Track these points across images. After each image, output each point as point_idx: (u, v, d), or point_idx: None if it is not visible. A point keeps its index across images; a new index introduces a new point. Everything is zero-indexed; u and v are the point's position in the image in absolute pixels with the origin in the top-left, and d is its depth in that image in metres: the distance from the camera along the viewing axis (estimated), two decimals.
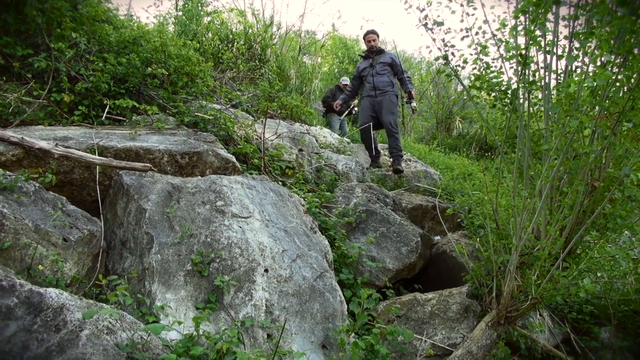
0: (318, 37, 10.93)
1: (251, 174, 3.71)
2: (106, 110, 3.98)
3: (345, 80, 9.13)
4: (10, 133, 2.96)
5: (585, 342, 3.42)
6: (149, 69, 4.34)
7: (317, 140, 5.92)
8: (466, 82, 3.49)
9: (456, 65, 3.29)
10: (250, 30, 8.33)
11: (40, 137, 3.09)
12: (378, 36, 6.27)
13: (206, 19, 8.20)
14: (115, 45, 4.41)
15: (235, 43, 7.99)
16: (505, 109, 3.14)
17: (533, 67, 2.99)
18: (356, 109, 8.50)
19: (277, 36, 9.21)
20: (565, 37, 2.92)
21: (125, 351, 1.75)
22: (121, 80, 4.22)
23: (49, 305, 1.77)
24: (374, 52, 6.21)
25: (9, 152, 2.88)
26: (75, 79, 3.96)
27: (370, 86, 6.11)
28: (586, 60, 2.89)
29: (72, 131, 3.48)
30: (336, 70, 11.99)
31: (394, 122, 6.03)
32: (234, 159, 3.66)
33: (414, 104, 6.17)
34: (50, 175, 2.82)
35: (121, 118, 4.09)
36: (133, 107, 4.02)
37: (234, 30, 8.37)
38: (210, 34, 7.91)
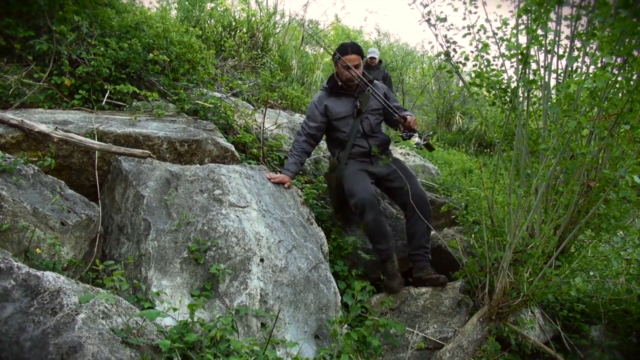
0: (321, 27, 10.88)
1: (250, 163, 3.72)
2: (106, 95, 3.98)
3: (373, 53, 7.59)
4: (10, 115, 2.97)
5: (575, 340, 3.46)
6: (151, 54, 4.33)
7: None
8: (467, 78, 3.49)
9: (457, 62, 3.29)
10: (253, 19, 8.30)
11: (40, 120, 3.10)
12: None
13: (209, 6, 8.16)
14: (117, 30, 4.39)
15: (238, 31, 7.96)
16: (505, 107, 3.15)
17: (534, 66, 3.00)
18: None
19: (280, 25, 9.17)
20: (567, 38, 2.93)
21: (120, 336, 1.77)
22: (122, 65, 4.22)
23: (46, 289, 1.79)
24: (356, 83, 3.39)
25: (9, 135, 2.88)
26: (77, 63, 3.96)
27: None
28: (587, 60, 2.90)
29: (72, 115, 3.48)
30: None
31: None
32: (233, 148, 3.67)
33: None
34: (50, 159, 2.83)
35: (121, 103, 4.09)
36: (133, 93, 4.01)
37: (237, 17, 8.33)
38: (212, 21, 7.89)
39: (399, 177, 3.40)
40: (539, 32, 2.76)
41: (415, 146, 3.41)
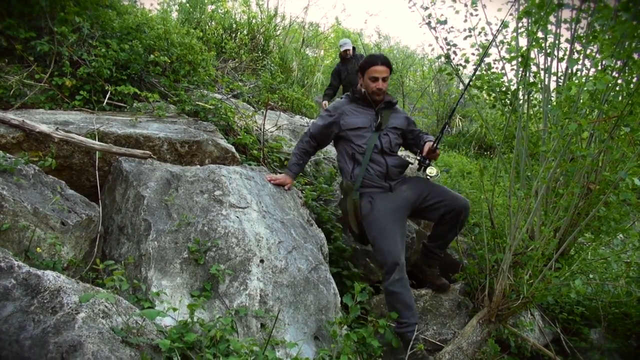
0: (321, 30, 10.91)
1: (250, 164, 3.73)
2: (107, 96, 3.98)
3: (346, 45, 7.26)
4: (11, 116, 2.97)
5: (574, 343, 3.46)
6: (152, 56, 4.34)
7: None
8: (467, 81, 3.50)
9: (457, 65, 3.30)
10: (254, 21, 8.32)
11: (41, 121, 3.10)
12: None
13: (210, 8, 8.18)
14: (118, 31, 4.40)
15: (239, 33, 7.98)
16: (505, 109, 3.16)
17: (534, 68, 3.01)
18: None
19: (280, 27, 9.19)
20: (567, 40, 2.94)
21: (120, 335, 1.77)
22: (123, 66, 4.22)
23: (47, 288, 1.79)
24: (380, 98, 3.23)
25: (10, 135, 2.89)
26: (78, 64, 3.96)
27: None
28: (587, 63, 2.92)
29: (72, 116, 3.49)
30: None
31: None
32: (233, 149, 3.67)
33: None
34: (50, 159, 2.83)
35: (122, 104, 4.09)
36: (134, 94, 4.02)
37: (237, 20, 8.35)
38: (213, 23, 7.90)
39: (433, 193, 3.14)
40: (539, 34, 2.77)
41: (428, 176, 3.09)
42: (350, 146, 3.21)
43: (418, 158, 3.15)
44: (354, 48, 7.37)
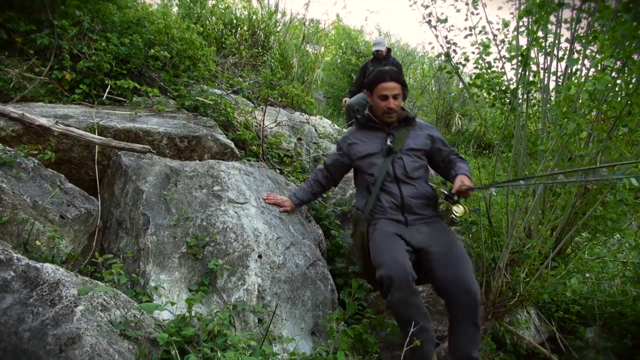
0: (322, 26, 10.89)
1: (249, 160, 3.73)
2: (107, 90, 3.98)
3: (379, 45, 6.83)
4: (10, 109, 2.97)
5: (570, 341, 3.48)
6: (152, 50, 4.33)
7: (316, 130, 5.94)
8: (467, 79, 3.50)
9: (457, 63, 3.31)
10: (254, 16, 8.29)
11: (41, 114, 3.10)
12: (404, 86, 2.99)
13: (210, 2, 8.15)
14: (118, 25, 4.40)
15: (239, 28, 7.95)
16: (504, 108, 3.17)
17: (533, 68, 3.01)
18: None
19: (281, 23, 9.17)
20: (567, 40, 2.95)
21: (118, 328, 1.79)
22: (123, 60, 4.22)
23: (45, 280, 1.80)
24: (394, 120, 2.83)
25: (9, 128, 2.89)
26: (78, 58, 3.96)
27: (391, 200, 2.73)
28: (587, 63, 2.92)
29: (72, 109, 3.49)
30: (339, 60, 11.95)
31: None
32: (232, 145, 3.68)
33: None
34: (50, 153, 2.83)
35: (122, 99, 4.09)
36: (134, 89, 4.02)
37: (238, 15, 8.33)
38: (214, 18, 7.88)
39: (442, 256, 2.48)
40: (540, 34, 2.77)
41: (453, 215, 2.56)
42: (363, 177, 2.83)
43: (445, 191, 2.63)
44: (389, 49, 6.94)
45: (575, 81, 2.86)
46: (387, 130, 2.82)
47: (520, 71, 2.89)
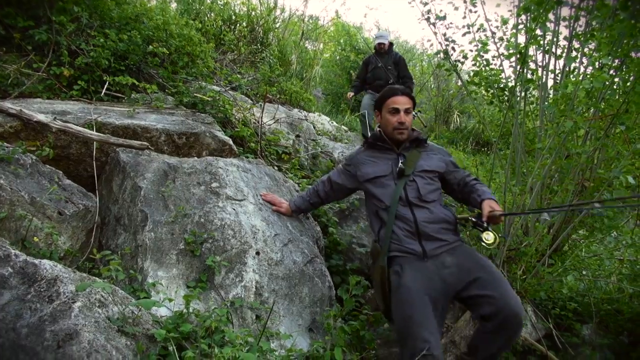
0: (321, 23, 10.87)
1: (247, 157, 3.73)
2: (105, 86, 3.98)
3: (381, 38, 6.67)
4: (8, 105, 2.97)
5: (566, 338, 3.49)
6: (150, 47, 4.33)
7: (314, 127, 5.94)
8: (465, 77, 3.51)
9: (456, 60, 3.31)
10: (253, 13, 8.27)
11: (39, 110, 3.10)
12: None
13: None
14: (116, 21, 4.39)
15: (238, 25, 7.93)
16: (502, 106, 3.17)
17: (532, 66, 3.02)
18: None
19: (280, 20, 9.15)
20: (565, 38, 2.95)
21: (116, 324, 1.79)
22: (121, 57, 4.21)
23: (43, 276, 1.80)
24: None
25: (7, 124, 2.89)
26: (76, 54, 3.95)
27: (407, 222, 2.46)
28: (584, 61, 2.93)
29: (70, 106, 3.48)
30: (338, 57, 11.93)
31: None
32: (230, 142, 3.68)
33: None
34: (48, 149, 2.83)
35: (120, 95, 4.09)
36: (132, 85, 4.01)
37: (237, 11, 8.31)
38: (212, 14, 7.86)
39: (482, 281, 2.24)
40: (538, 31, 2.78)
41: (483, 243, 2.28)
42: (373, 202, 2.62)
43: (473, 219, 2.37)
44: (391, 43, 6.75)
45: (573, 79, 2.86)
46: (397, 151, 2.63)
47: (518, 69, 2.90)
